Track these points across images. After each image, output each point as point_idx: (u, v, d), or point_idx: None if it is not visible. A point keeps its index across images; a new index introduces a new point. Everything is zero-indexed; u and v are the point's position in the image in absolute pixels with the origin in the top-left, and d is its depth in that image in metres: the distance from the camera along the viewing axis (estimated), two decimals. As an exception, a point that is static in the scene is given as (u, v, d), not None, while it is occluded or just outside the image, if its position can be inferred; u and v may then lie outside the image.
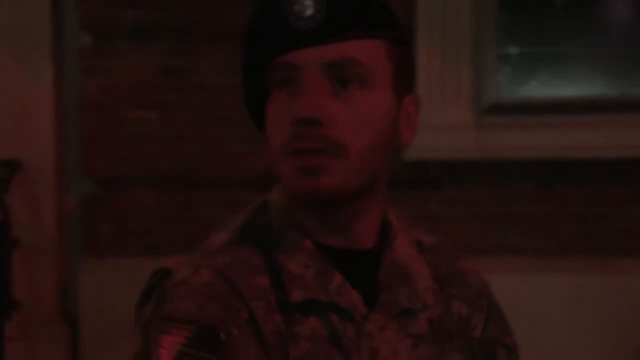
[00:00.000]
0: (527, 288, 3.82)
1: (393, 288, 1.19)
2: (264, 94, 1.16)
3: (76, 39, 4.11)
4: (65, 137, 4.20)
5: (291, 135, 1.12)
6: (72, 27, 4.11)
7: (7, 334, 4.01)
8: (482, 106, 3.98)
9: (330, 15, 1.12)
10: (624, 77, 3.98)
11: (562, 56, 4.01)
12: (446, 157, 3.91)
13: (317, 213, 1.17)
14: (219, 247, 1.18)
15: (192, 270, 1.16)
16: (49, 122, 4.15)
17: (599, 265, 3.92)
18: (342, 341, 1.15)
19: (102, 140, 4.08)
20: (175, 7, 4.02)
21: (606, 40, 4.00)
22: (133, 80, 4.06)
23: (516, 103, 3.99)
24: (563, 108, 3.94)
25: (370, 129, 1.14)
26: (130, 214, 4.10)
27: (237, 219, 1.23)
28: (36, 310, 4.15)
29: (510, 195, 3.97)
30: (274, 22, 1.13)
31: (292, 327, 1.14)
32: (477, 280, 1.29)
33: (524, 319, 2.98)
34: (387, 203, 1.22)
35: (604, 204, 3.93)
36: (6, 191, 4.02)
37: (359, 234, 1.18)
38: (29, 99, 4.11)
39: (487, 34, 3.97)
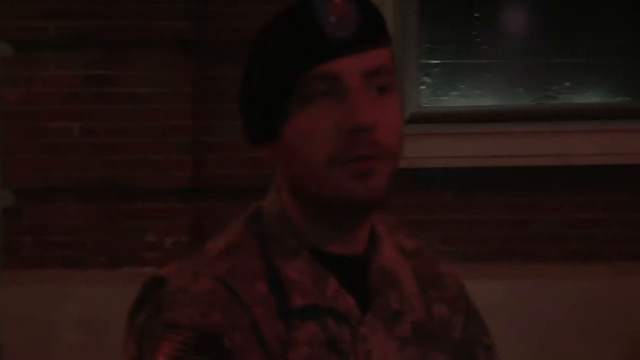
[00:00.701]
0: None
1: (384, 292, 1.22)
2: (284, 105, 1.16)
3: (-4, 48, 4.05)
4: (-16, 148, 4.12)
5: (344, 143, 1.14)
6: (-8, 36, 4.05)
7: None
8: (404, 116, 4.02)
9: (362, 25, 1.15)
10: (540, 87, 4.08)
11: (481, 66, 4.08)
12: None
13: (335, 221, 1.19)
14: (217, 254, 1.19)
15: (191, 278, 1.16)
16: (-33, 133, 4.07)
17: (520, 270, 4.00)
18: (339, 345, 1.17)
19: (22, 150, 4.02)
20: (98, 17, 3.98)
21: (524, 51, 4.09)
22: (55, 90, 4.01)
23: (437, 113, 4.05)
24: (483, 117, 4.02)
25: (401, 129, 1.19)
26: (51, 225, 4.05)
27: (233, 225, 1.23)
28: (-45, 325, 4.06)
29: (433, 203, 4.03)
30: (310, 33, 1.14)
31: (291, 333, 1.15)
32: (455, 283, 1.33)
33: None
34: None
35: (524, 210, 4.02)
36: None
37: (358, 240, 1.22)
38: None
39: (409, 45, 4.03)
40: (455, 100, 4.10)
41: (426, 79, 4.10)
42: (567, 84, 4.07)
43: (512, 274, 3.99)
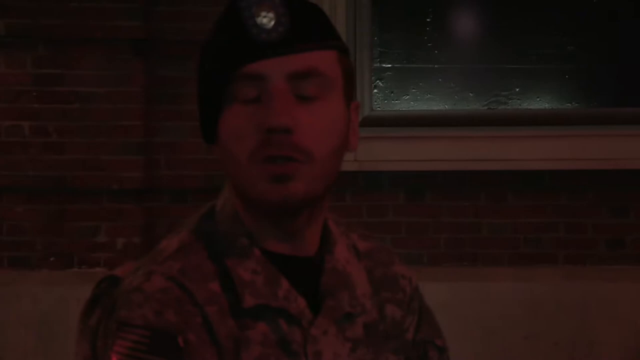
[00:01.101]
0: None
1: (336, 293, 1.23)
2: (220, 105, 1.17)
3: (-56, 45, 3.99)
4: None
5: (261, 143, 1.14)
6: (-59, 33, 3.99)
7: None
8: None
9: (292, 27, 1.15)
10: (490, 92, 4.11)
11: (432, 71, 4.11)
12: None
13: (272, 220, 1.19)
14: (170, 253, 1.19)
15: (145, 277, 1.16)
16: None
17: (467, 272, 4.03)
18: (290, 345, 1.18)
19: (-29, 149, 3.97)
20: (48, 15, 3.94)
21: (475, 56, 4.12)
22: (3, 89, 3.97)
23: (389, 116, 4.07)
24: (434, 121, 4.04)
25: (332, 134, 1.17)
26: (0, 225, 4.00)
27: (185, 224, 1.23)
28: None
29: (384, 206, 4.05)
30: (237, 35, 1.15)
31: (244, 332, 1.16)
32: (409, 284, 1.34)
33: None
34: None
35: (473, 214, 4.05)
36: None
37: (306, 241, 1.22)
38: None
39: (362, 49, 4.04)
40: (407, 104, 4.12)
41: (378, 83, 4.12)
42: (517, 89, 4.11)
43: (461, 276, 4.02)
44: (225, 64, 1.16)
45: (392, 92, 4.13)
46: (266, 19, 1.15)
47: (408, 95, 4.13)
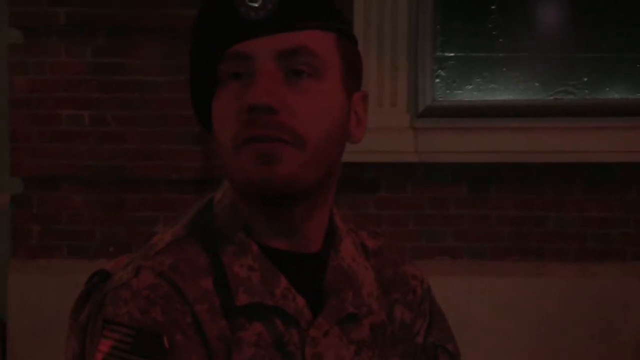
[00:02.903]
0: (461, 290, 3.84)
1: (339, 293, 1.16)
2: (212, 88, 1.13)
3: (5, 35, 4.02)
4: (-7, 135, 4.11)
5: (244, 124, 1.08)
6: (2, 23, 4.02)
7: None
8: (418, 109, 3.98)
9: (282, 5, 1.10)
10: (557, 82, 4.02)
11: (497, 60, 4.03)
12: (382, 159, 3.91)
13: (267, 212, 1.13)
14: (162, 247, 1.14)
15: (133, 272, 1.11)
16: (-24, 120, 4.06)
17: (533, 267, 3.95)
18: (286, 347, 1.12)
19: (31, 138, 4.00)
20: (107, 4, 3.95)
21: (541, 45, 4.03)
22: (63, 78, 3.98)
23: (451, 106, 4.00)
24: (497, 112, 3.96)
25: (325, 119, 1.11)
26: (59, 214, 4.03)
27: (182, 217, 1.18)
28: (-38, 312, 4.06)
29: (446, 198, 3.99)
30: (225, 13, 1.10)
31: (236, 332, 1.10)
32: (420, 285, 1.27)
33: (458, 321, 2.99)
34: (333, 204, 1.20)
35: (538, 207, 3.97)
36: None
37: (307, 236, 1.15)
38: (-44, 95, 4.02)
39: (424, 38, 3.98)
40: (470, 94, 4.04)
41: (441, 73, 4.05)
42: (585, 78, 4.01)
43: (526, 271, 3.93)
44: (213, 44, 1.11)
45: (454, 82, 4.05)
46: None
47: (471, 85, 4.05)
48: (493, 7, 4.02)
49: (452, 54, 4.04)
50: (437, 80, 4.04)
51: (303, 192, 1.11)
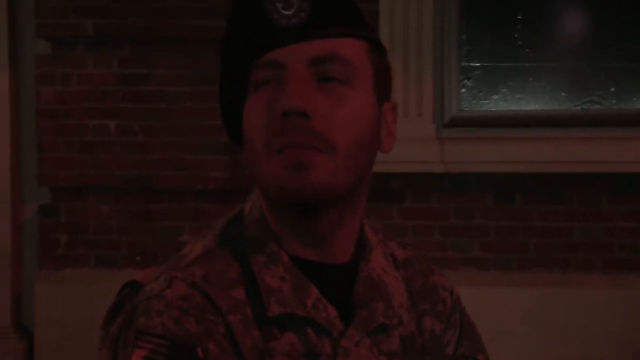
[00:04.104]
0: (487, 301, 3.82)
1: (369, 303, 1.16)
2: (243, 97, 1.13)
3: (33, 46, 4.05)
4: (21, 146, 4.13)
5: (277, 130, 1.08)
6: (29, 34, 4.05)
7: (-41, 346, 3.94)
8: (444, 119, 3.97)
9: (314, 11, 1.09)
10: (583, 92, 3.99)
11: (522, 71, 4.01)
12: (408, 169, 3.90)
13: (297, 222, 1.12)
14: (193, 258, 1.13)
15: (166, 283, 1.11)
16: (4, 130, 4.08)
17: (559, 278, 3.92)
18: (319, 358, 1.11)
19: (58, 148, 4.02)
20: (133, 16, 3.97)
21: (567, 55, 4.01)
22: (90, 88, 4.01)
23: (477, 116, 3.99)
24: (523, 122, 3.94)
25: (356, 125, 1.10)
26: (86, 224, 4.04)
27: (212, 229, 1.18)
28: (-11, 322, 4.08)
29: (471, 208, 3.97)
30: (257, 21, 1.10)
31: (269, 343, 1.10)
32: (450, 296, 1.26)
33: (484, 332, 2.97)
34: (364, 215, 1.19)
35: (564, 217, 3.94)
36: (-41, 200, 3.96)
37: (336, 247, 1.15)
38: (-16, 105, 4.05)
39: (449, 48, 3.97)
40: (496, 104, 4.03)
41: (467, 82, 4.04)
42: (612, 88, 3.98)
43: (552, 282, 3.91)
44: (245, 52, 1.10)
45: (480, 92, 4.04)
46: (287, 4, 1.09)
47: (497, 94, 4.03)
48: (519, 16, 4.01)
49: (478, 64, 4.02)
50: (463, 90, 4.03)
51: (334, 199, 1.11)
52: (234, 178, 4.01)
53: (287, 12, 1.09)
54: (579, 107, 3.99)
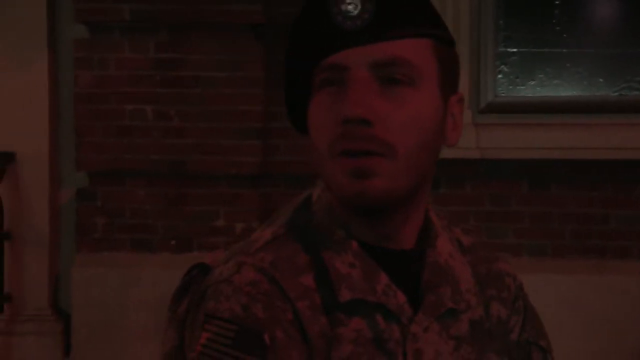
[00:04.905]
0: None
1: (437, 288, 1.17)
2: (308, 94, 1.14)
3: (71, 30, 4.08)
4: (59, 130, 4.17)
5: (338, 135, 1.09)
6: (68, 18, 4.08)
7: (-1, 328, 3.99)
8: (480, 105, 3.96)
9: (378, 14, 1.10)
10: (621, 78, 3.96)
11: (560, 56, 3.98)
12: (443, 155, 3.87)
13: (365, 219, 1.14)
14: (262, 244, 1.15)
15: (235, 268, 1.12)
16: (43, 114, 4.12)
17: (594, 265, 3.90)
18: (387, 344, 1.12)
19: (96, 133, 4.05)
20: (169, 1, 3.99)
21: (604, 41, 3.97)
22: (127, 73, 4.03)
23: (514, 103, 3.97)
24: (560, 108, 3.92)
25: (418, 129, 1.11)
26: (123, 208, 4.07)
27: (280, 215, 1.19)
28: (28, 304, 4.13)
29: (507, 195, 3.96)
30: (321, 23, 1.10)
31: (336, 329, 1.11)
32: (513, 282, 1.28)
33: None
34: (428, 201, 1.20)
35: (600, 204, 3.92)
36: (-1, 183, 4.00)
37: (404, 237, 1.16)
38: (23, 90, 4.09)
39: (486, 34, 3.95)
40: (533, 89, 4.01)
41: (503, 68, 4.02)
42: (650, 74, 3.95)
43: (587, 269, 3.89)
44: (309, 53, 1.12)
45: (517, 78, 4.02)
46: (351, 6, 1.09)
47: (534, 80, 4.01)
48: (557, 1, 3.98)
49: (514, 50, 4.00)
50: (500, 76, 4.01)
51: (396, 202, 1.12)
52: (267, 163, 4.02)
53: (351, 14, 1.09)
54: (616, 93, 3.96)
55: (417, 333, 1.14)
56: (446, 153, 4.19)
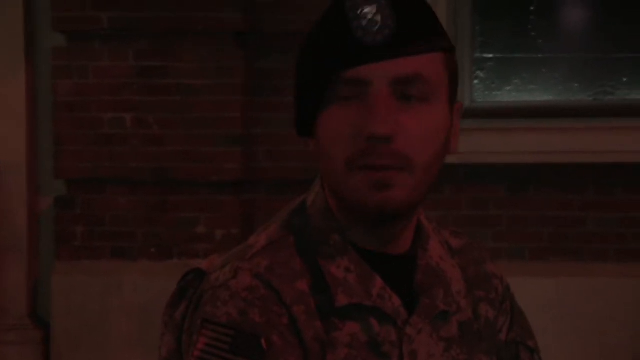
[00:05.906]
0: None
1: (430, 291, 1.19)
2: (319, 103, 1.15)
3: (49, 39, 4.07)
4: (37, 138, 4.16)
5: (361, 150, 1.11)
6: (46, 27, 4.08)
7: (-22, 337, 3.97)
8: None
9: (397, 29, 1.11)
10: (596, 83, 4.00)
11: (535, 62, 4.02)
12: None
13: (371, 227, 1.16)
14: (258, 249, 1.16)
15: (231, 273, 1.14)
16: (21, 123, 4.11)
17: (573, 268, 3.94)
18: (382, 347, 1.14)
19: (74, 141, 4.05)
20: (149, 9, 3.99)
21: (580, 46, 4.02)
22: (106, 81, 4.03)
23: (490, 108, 4.00)
24: (537, 113, 3.96)
25: (433, 142, 1.14)
26: (102, 216, 4.07)
27: (275, 220, 1.21)
28: (7, 313, 4.11)
29: (485, 199, 3.99)
30: (341, 36, 1.11)
31: (331, 333, 1.13)
32: (501, 284, 1.30)
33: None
34: None
35: (577, 207, 3.95)
36: (-22, 192, 3.98)
37: (400, 240, 1.19)
38: (1, 99, 4.08)
39: (462, 39, 3.98)
40: (509, 95, 4.04)
41: (479, 74, 4.05)
42: (624, 79, 4.00)
43: (566, 271, 3.92)
44: (327, 65, 1.13)
45: (493, 83, 4.05)
46: (372, 21, 1.10)
47: (510, 86, 4.05)
48: (532, 8, 4.02)
49: (490, 55, 4.04)
50: (476, 81, 4.05)
51: (409, 211, 1.16)
52: (249, 170, 4.03)
53: (372, 29, 1.10)
54: (591, 98, 4.00)
55: (412, 335, 1.16)
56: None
